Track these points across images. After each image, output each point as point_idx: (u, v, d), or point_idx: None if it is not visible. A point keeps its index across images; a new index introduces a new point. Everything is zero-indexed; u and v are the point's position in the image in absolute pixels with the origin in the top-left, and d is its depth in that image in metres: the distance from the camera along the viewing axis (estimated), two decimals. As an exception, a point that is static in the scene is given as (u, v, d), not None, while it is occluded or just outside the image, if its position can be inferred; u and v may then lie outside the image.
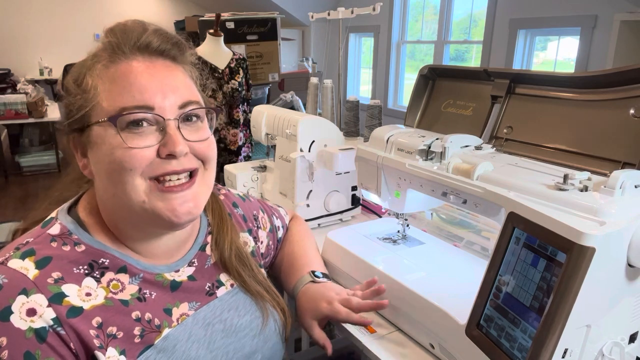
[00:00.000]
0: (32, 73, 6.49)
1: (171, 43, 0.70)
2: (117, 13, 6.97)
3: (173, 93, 0.67)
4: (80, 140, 0.69)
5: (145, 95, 0.64)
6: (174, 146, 0.65)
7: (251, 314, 0.81)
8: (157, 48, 0.68)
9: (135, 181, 0.65)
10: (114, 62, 0.66)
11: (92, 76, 0.67)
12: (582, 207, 0.67)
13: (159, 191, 0.66)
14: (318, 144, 1.37)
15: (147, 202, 0.66)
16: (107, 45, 0.68)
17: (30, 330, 0.59)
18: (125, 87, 0.65)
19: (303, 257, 0.99)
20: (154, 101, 0.65)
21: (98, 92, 0.66)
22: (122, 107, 0.64)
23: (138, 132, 0.64)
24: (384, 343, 0.89)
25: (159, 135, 0.66)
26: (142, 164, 0.64)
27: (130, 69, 0.66)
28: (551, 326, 0.62)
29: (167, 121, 0.65)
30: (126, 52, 0.67)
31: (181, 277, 0.76)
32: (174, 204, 0.67)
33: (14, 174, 5.10)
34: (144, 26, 0.69)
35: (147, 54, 0.68)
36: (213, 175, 0.74)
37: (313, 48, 6.42)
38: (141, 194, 0.66)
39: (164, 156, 0.65)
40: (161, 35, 0.69)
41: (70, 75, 0.69)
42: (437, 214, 1.34)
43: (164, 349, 0.69)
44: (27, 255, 0.65)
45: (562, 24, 3.75)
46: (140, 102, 0.64)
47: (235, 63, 2.57)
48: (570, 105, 1.13)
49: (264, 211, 0.98)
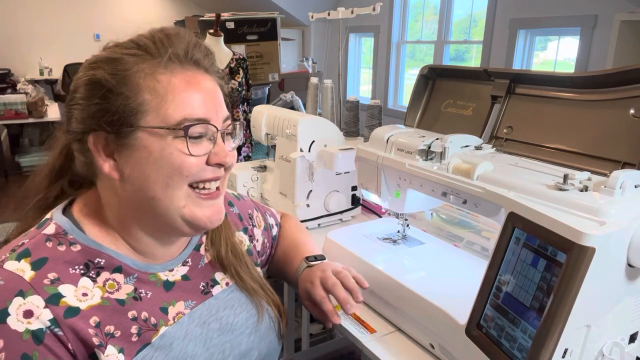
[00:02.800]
0: (32, 73, 6.48)
1: (211, 62, 0.73)
2: (117, 13, 6.96)
3: (220, 107, 0.72)
4: (110, 140, 0.66)
5: (204, 108, 0.68)
6: (225, 156, 0.70)
7: (247, 312, 0.81)
8: (205, 66, 0.71)
9: (184, 187, 0.68)
10: (170, 71, 0.67)
11: (144, 77, 0.65)
12: (582, 207, 0.67)
13: (197, 198, 0.70)
14: (318, 144, 1.37)
15: (186, 207, 0.69)
16: (162, 49, 0.67)
17: (27, 332, 0.59)
18: (185, 98, 0.67)
19: (299, 247, 1.00)
20: (211, 114, 0.69)
21: (151, 96, 0.65)
22: (184, 117, 0.66)
23: (196, 142, 0.68)
24: (384, 343, 0.89)
25: (209, 145, 0.69)
26: (197, 170, 0.68)
27: (189, 79, 0.68)
28: (551, 326, 0.62)
29: (220, 133, 0.70)
30: (183, 62, 0.68)
31: (175, 277, 0.76)
32: (210, 211, 0.71)
33: (14, 174, 5.10)
34: (193, 40, 0.71)
35: (196, 67, 0.70)
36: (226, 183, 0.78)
37: (313, 48, 6.42)
38: (182, 199, 0.68)
39: (212, 164, 0.70)
40: (204, 53, 0.71)
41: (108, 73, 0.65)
42: (437, 214, 1.34)
43: (161, 347, 0.69)
44: (23, 256, 0.64)
45: (562, 24, 3.75)
46: (201, 115, 0.67)
47: (235, 63, 2.57)
48: (570, 105, 1.13)
49: (257, 210, 1.00)
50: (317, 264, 0.93)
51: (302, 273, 0.93)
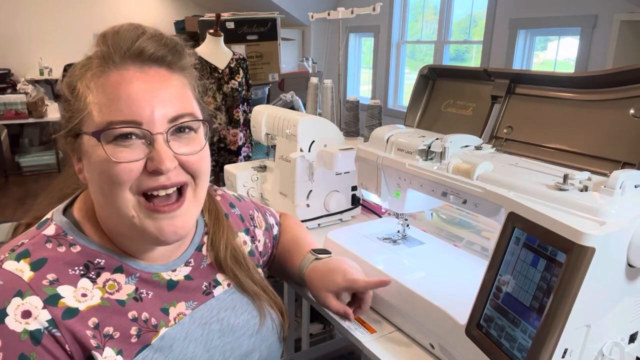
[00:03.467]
0: (32, 73, 6.48)
1: (168, 49, 0.67)
2: (117, 13, 6.96)
3: (164, 106, 0.64)
4: (74, 145, 0.68)
5: (133, 108, 0.63)
6: (160, 163, 0.63)
7: (248, 314, 0.81)
8: (152, 55, 0.65)
9: (125, 195, 0.64)
10: (104, 72, 0.64)
11: (82, 85, 0.65)
12: (582, 207, 0.67)
13: (147, 209, 0.65)
14: (318, 144, 1.37)
15: (137, 217, 0.65)
16: (99, 53, 0.66)
17: (25, 333, 0.59)
18: (113, 99, 0.63)
19: (300, 241, 1.01)
20: (143, 115, 0.63)
21: (88, 102, 0.64)
22: (110, 121, 0.62)
23: (125, 145, 0.63)
24: (384, 343, 0.89)
25: (146, 149, 0.64)
26: (130, 177, 0.63)
27: (121, 79, 0.64)
28: (551, 326, 0.62)
29: (155, 135, 0.63)
30: (117, 61, 0.64)
31: (178, 277, 0.76)
32: (162, 225, 0.66)
33: (14, 174, 5.10)
34: (139, 31, 0.66)
35: (139, 62, 0.65)
36: (204, 191, 0.73)
37: (313, 48, 6.42)
38: (130, 209, 0.65)
39: (150, 171, 0.64)
40: (157, 41, 0.66)
41: (65, 80, 0.68)
42: (437, 214, 1.34)
43: (160, 348, 0.69)
44: (22, 256, 0.64)
45: (562, 24, 3.75)
46: (128, 117, 0.62)
47: (235, 63, 2.57)
48: (570, 105, 1.13)
49: (258, 210, 0.99)
50: (326, 257, 0.95)
51: (309, 265, 0.94)
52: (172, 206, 0.67)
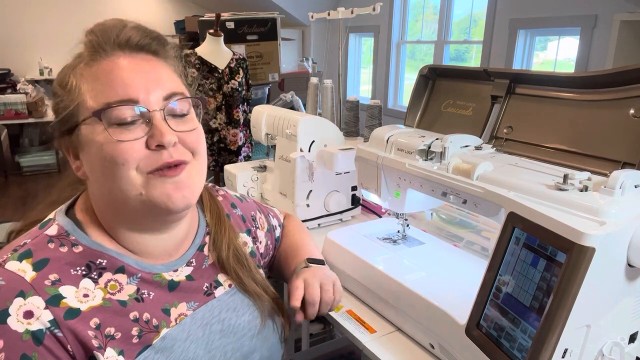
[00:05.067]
0: (32, 73, 6.48)
1: (151, 37, 0.70)
2: (117, 13, 6.92)
3: (157, 85, 0.67)
4: (70, 142, 0.69)
5: (128, 89, 0.65)
6: (161, 136, 0.65)
7: (250, 314, 0.81)
8: (138, 43, 0.68)
9: (130, 174, 0.65)
10: (96, 60, 0.67)
11: (75, 76, 0.67)
12: (582, 207, 0.67)
13: (153, 178, 0.66)
14: (318, 144, 1.37)
15: (144, 193, 0.66)
16: (88, 44, 0.68)
17: (27, 333, 0.59)
18: (108, 83, 0.65)
19: (300, 248, 0.99)
20: (138, 94, 0.65)
21: (82, 91, 0.66)
22: (106, 102, 0.64)
23: (125, 127, 0.65)
24: (384, 343, 0.89)
25: (146, 128, 0.66)
26: (134, 156, 0.64)
27: (112, 65, 0.66)
28: (551, 326, 0.62)
29: (153, 112, 0.66)
30: (107, 49, 0.67)
31: (179, 277, 0.76)
32: (169, 190, 0.67)
33: (14, 174, 5.10)
34: (123, 23, 0.70)
35: (127, 50, 0.68)
36: (204, 165, 0.74)
37: (313, 48, 6.42)
38: (138, 186, 0.66)
39: (153, 147, 0.65)
40: (140, 31, 0.69)
41: (56, 79, 0.70)
42: (437, 214, 1.34)
43: (162, 349, 0.69)
44: (25, 257, 0.64)
45: (562, 24, 3.75)
46: (124, 96, 0.64)
47: (235, 63, 2.57)
48: (570, 105, 1.13)
49: (260, 211, 0.99)
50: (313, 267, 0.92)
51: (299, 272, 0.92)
52: (175, 169, 0.67)
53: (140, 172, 0.66)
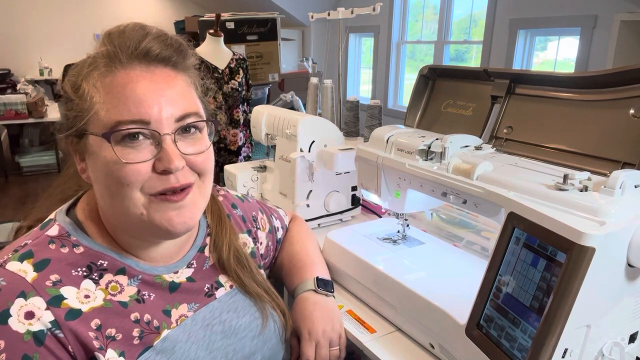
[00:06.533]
0: (32, 73, 6.48)
1: (173, 49, 0.67)
2: (117, 13, 6.95)
3: (171, 105, 0.65)
4: (77, 145, 0.68)
5: (141, 108, 0.63)
6: (169, 162, 0.64)
7: (250, 315, 0.81)
8: (157, 55, 0.66)
9: (134, 195, 0.64)
10: (111, 72, 0.64)
11: (88, 84, 0.65)
12: (582, 207, 0.67)
13: (155, 202, 0.66)
14: (318, 144, 1.37)
15: (145, 214, 0.66)
16: (105, 52, 0.65)
17: (29, 334, 0.59)
18: (121, 99, 0.63)
19: (305, 258, 0.98)
20: (151, 114, 0.63)
21: (94, 102, 0.64)
22: (117, 120, 0.63)
23: (133, 146, 0.63)
24: (384, 343, 0.89)
25: (154, 150, 0.64)
26: (139, 179, 0.64)
27: (127, 79, 0.64)
28: (551, 326, 0.62)
29: (163, 136, 0.64)
30: (123, 61, 0.64)
31: (180, 279, 0.76)
32: (170, 215, 0.66)
33: (14, 174, 5.09)
34: (144, 31, 0.67)
35: (145, 62, 0.65)
36: (210, 186, 0.73)
37: (313, 48, 6.42)
38: (140, 207, 0.65)
39: (159, 171, 0.64)
40: (162, 41, 0.67)
41: (68, 79, 0.68)
42: (437, 214, 1.34)
43: (163, 350, 0.69)
44: (26, 257, 0.64)
45: (562, 24, 3.75)
46: (136, 116, 0.63)
47: (235, 63, 2.57)
48: (570, 105, 1.13)
49: (262, 212, 0.98)
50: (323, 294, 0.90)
51: (304, 292, 0.90)
52: (179, 195, 0.67)
53: (144, 193, 0.65)
